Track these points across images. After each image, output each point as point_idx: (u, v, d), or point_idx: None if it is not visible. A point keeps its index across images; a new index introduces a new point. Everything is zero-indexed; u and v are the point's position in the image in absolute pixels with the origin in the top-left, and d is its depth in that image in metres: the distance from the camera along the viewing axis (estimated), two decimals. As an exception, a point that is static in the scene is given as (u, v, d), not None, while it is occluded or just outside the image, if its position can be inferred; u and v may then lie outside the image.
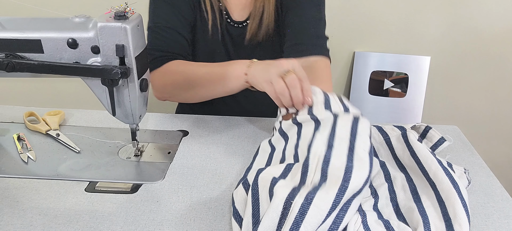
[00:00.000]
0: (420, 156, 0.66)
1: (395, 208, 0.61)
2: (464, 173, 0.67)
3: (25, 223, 0.58)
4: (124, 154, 0.75)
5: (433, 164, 0.63)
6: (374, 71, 1.60)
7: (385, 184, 0.65)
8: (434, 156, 0.65)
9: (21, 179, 0.67)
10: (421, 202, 0.60)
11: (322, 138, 0.62)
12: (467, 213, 0.55)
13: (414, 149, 0.68)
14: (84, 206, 0.61)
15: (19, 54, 0.62)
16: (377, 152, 0.74)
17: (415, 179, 0.65)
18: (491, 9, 1.50)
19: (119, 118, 0.69)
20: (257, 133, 0.84)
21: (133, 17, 0.62)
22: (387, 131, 0.75)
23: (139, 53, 0.64)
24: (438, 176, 0.60)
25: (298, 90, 0.69)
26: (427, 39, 1.56)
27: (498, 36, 1.54)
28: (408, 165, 0.68)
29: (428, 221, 0.55)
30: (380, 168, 0.68)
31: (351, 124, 0.63)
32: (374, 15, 1.53)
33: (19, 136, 0.79)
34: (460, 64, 1.60)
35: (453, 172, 0.62)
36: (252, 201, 0.55)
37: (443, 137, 0.73)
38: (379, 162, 0.69)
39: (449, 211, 0.56)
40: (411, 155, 0.68)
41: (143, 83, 0.66)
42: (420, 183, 0.63)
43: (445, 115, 1.70)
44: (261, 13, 0.96)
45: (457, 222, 0.54)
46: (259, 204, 0.55)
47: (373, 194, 0.62)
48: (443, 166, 0.62)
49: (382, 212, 0.60)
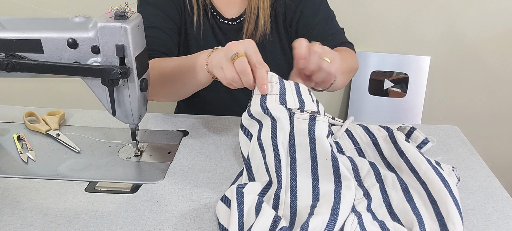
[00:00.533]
0: (409, 156, 0.66)
1: (388, 209, 0.61)
2: (452, 171, 0.67)
3: (25, 223, 0.58)
4: (124, 154, 0.75)
5: (423, 163, 0.63)
6: (374, 71, 1.60)
7: (376, 184, 0.64)
8: (423, 155, 0.65)
9: (21, 179, 0.67)
10: (414, 202, 0.60)
11: (284, 150, 0.62)
12: (459, 211, 0.55)
13: (402, 149, 0.68)
14: (84, 206, 0.61)
15: (19, 54, 0.62)
16: (365, 153, 0.74)
17: (406, 178, 0.65)
18: (491, 9, 1.50)
19: (119, 118, 0.69)
20: (257, 133, 0.84)
21: (133, 17, 0.62)
22: (373, 131, 0.75)
23: (139, 53, 0.64)
24: (429, 175, 0.61)
25: (249, 76, 0.63)
26: (427, 39, 1.56)
27: (497, 36, 1.54)
28: (397, 165, 0.68)
29: (422, 221, 0.55)
30: (370, 167, 0.67)
31: (308, 127, 0.61)
32: (374, 15, 1.53)
33: (19, 136, 0.79)
34: (460, 64, 1.60)
35: (442, 170, 0.63)
36: (238, 211, 0.55)
37: (427, 137, 0.74)
38: (369, 162, 0.69)
39: (441, 210, 0.56)
40: (399, 155, 0.68)
41: (143, 83, 0.66)
42: (410, 183, 0.63)
43: (445, 115, 1.70)
44: (256, 14, 0.95)
45: (451, 221, 0.54)
46: (243, 215, 0.55)
47: (366, 195, 0.62)
48: (433, 165, 0.62)
49: (376, 213, 0.60)
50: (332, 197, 0.56)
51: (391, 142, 0.71)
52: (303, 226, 0.50)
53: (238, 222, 0.54)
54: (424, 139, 0.74)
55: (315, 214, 0.53)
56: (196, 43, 0.98)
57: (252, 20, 0.96)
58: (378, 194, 0.63)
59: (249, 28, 0.96)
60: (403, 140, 0.70)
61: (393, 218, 0.59)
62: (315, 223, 0.51)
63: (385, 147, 0.72)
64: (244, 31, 0.97)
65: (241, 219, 0.54)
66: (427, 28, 1.55)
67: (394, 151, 0.70)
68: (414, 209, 0.58)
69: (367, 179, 0.66)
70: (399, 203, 0.61)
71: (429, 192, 0.59)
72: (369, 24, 1.55)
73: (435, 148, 0.79)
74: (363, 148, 0.74)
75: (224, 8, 0.98)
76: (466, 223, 0.60)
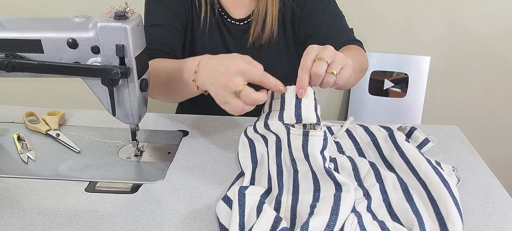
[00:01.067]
0: (409, 156, 0.66)
1: (388, 209, 0.61)
2: (452, 171, 0.67)
3: (25, 223, 0.58)
4: (124, 154, 0.75)
5: (423, 163, 0.63)
6: (374, 71, 1.60)
7: (376, 184, 0.64)
8: (423, 155, 0.65)
9: (21, 179, 0.67)
10: (414, 202, 0.60)
11: (287, 162, 0.64)
12: (459, 211, 0.55)
13: (403, 149, 0.68)
14: (84, 206, 0.61)
15: (19, 54, 0.62)
16: (365, 153, 0.74)
17: (406, 178, 0.65)
18: (491, 9, 1.50)
19: (119, 118, 0.69)
20: (257, 133, 0.84)
21: (133, 17, 0.62)
22: (374, 131, 0.75)
23: (139, 53, 0.64)
24: (429, 175, 0.61)
25: (258, 102, 0.63)
26: (427, 39, 1.56)
27: (497, 36, 1.54)
28: (397, 165, 0.68)
29: (422, 221, 0.55)
30: (370, 167, 0.67)
31: (302, 143, 0.61)
32: (374, 15, 1.53)
33: (19, 136, 0.79)
34: (460, 64, 1.60)
35: (443, 170, 0.63)
36: (239, 211, 0.55)
37: (427, 137, 0.74)
38: (369, 162, 0.69)
39: (441, 210, 0.56)
40: (400, 155, 0.68)
41: (143, 83, 0.66)
42: (411, 182, 0.63)
43: (445, 115, 1.70)
44: (264, 16, 0.95)
45: (451, 221, 0.54)
46: (244, 215, 0.55)
47: (366, 195, 0.62)
48: (433, 165, 0.62)
49: (376, 213, 0.60)
50: (332, 198, 0.56)
51: (391, 142, 0.71)
52: (303, 226, 0.50)
53: (239, 223, 0.54)
54: (424, 138, 0.74)
55: (315, 214, 0.53)
56: (202, 41, 0.98)
57: (260, 22, 0.95)
58: (378, 194, 0.63)
59: (256, 30, 0.96)
60: (404, 140, 0.70)
61: (393, 218, 0.59)
62: (315, 223, 0.51)
63: (385, 147, 0.72)
64: (251, 33, 0.97)
65: (242, 220, 0.54)
66: (427, 28, 1.54)
67: (394, 151, 0.70)
68: (414, 209, 0.58)
69: (367, 179, 0.66)
70: (399, 203, 0.61)
71: (429, 192, 0.59)
72: (369, 24, 1.55)
73: (435, 148, 0.79)
74: (363, 148, 0.74)
75: (232, 8, 0.97)
76: (466, 223, 0.60)
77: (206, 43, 0.98)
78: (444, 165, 0.68)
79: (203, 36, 0.97)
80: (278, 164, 0.64)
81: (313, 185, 0.61)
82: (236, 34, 0.99)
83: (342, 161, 0.68)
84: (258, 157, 0.70)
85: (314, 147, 0.60)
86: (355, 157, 0.70)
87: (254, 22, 0.96)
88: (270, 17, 0.95)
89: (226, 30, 0.98)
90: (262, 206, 0.55)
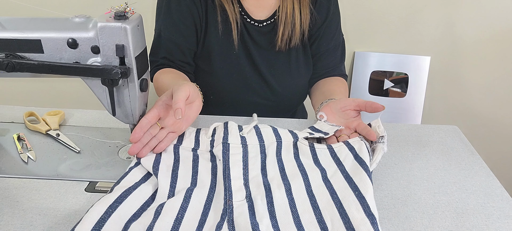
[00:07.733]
0: (305, 164, 0.68)
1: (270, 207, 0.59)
2: (361, 141, 0.70)
3: (25, 223, 0.58)
4: (124, 154, 0.75)
5: (318, 174, 0.65)
6: (374, 71, 1.60)
7: (282, 186, 0.63)
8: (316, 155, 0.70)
9: (21, 179, 0.67)
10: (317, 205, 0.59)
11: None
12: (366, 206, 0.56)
13: (300, 157, 0.70)
14: (84, 206, 0.61)
15: (19, 54, 0.62)
16: (266, 150, 0.72)
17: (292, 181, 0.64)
18: (491, 9, 1.50)
19: (119, 118, 0.69)
20: (257, 133, 0.84)
21: (133, 17, 0.62)
22: (282, 134, 0.75)
23: (139, 53, 0.64)
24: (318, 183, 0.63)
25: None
26: (427, 39, 1.56)
27: (498, 36, 1.54)
28: (290, 169, 0.68)
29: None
30: (278, 167, 0.68)
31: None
32: (374, 15, 1.53)
33: (19, 136, 0.79)
34: (460, 64, 1.60)
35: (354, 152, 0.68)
36: None
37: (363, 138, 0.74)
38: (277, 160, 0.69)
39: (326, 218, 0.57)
40: (294, 159, 0.70)
41: (143, 83, 0.66)
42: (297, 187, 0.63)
43: (445, 115, 1.70)
44: (292, 19, 0.94)
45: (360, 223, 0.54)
46: None
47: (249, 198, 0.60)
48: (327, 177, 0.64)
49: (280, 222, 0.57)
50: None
51: (293, 148, 0.72)
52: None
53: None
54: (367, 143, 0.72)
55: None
56: (217, 42, 0.96)
57: (288, 25, 0.94)
58: (284, 199, 0.61)
59: (285, 33, 0.94)
60: (307, 147, 0.72)
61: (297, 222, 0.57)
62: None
63: (285, 152, 0.72)
64: (279, 35, 0.94)
65: None
66: (427, 28, 1.55)
67: (292, 157, 0.70)
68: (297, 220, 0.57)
69: (274, 179, 0.65)
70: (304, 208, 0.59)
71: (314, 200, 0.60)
72: (369, 24, 1.55)
73: (436, 148, 0.79)
74: (267, 145, 0.73)
75: (253, 9, 0.96)
76: (466, 223, 0.60)
77: (221, 41, 0.96)
78: (352, 140, 0.72)
79: (217, 34, 0.95)
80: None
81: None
82: (255, 35, 0.96)
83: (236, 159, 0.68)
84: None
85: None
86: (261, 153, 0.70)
87: (281, 24, 0.94)
88: (299, 19, 0.94)
89: (246, 30, 0.96)
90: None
